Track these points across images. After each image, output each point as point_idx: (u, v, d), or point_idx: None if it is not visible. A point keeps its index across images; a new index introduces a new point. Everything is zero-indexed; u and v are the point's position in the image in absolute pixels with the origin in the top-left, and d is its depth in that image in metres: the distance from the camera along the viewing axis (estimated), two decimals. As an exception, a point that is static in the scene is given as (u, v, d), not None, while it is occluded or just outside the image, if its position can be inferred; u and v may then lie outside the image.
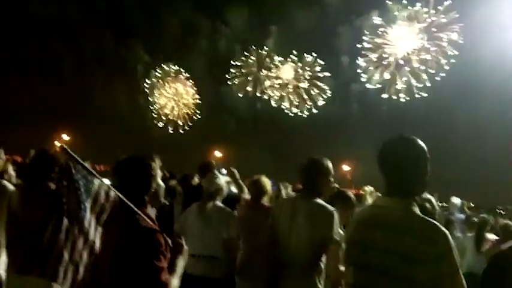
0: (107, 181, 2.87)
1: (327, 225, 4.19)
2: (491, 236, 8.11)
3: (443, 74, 36.72)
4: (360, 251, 2.77)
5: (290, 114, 41.93)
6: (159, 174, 3.07)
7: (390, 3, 36.86)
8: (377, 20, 37.67)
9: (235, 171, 6.65)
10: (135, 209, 2.77)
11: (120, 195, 2.69)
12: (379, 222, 2.71)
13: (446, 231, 2.59)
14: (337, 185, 6.06)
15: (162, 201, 3.10)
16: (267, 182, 5.97)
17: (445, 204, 13.32)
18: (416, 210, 2.69)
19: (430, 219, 2.64)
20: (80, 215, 2.47)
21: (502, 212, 36.55)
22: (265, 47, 42.43)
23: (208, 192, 5.66)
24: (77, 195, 2.45)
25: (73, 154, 2.43)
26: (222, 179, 5.92)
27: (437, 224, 2.61)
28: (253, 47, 42.55)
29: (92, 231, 2.52)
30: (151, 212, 2.98)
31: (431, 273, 2.50)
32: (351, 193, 5.44)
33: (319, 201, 4.36)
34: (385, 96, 38.86)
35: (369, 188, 9.72)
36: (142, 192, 2.98)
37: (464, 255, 8.31)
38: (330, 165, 4.57)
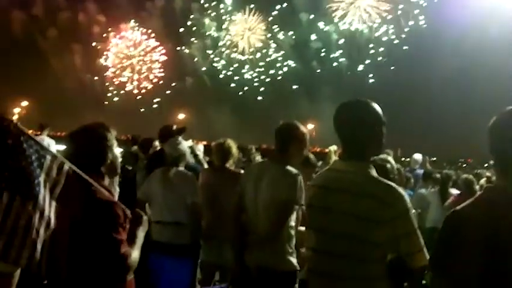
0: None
1: (290, 188, 4.12)
2: (454, 191, 8.28)
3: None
4: (318, 215, 2.79)
5: (248, 76, 41.67)
6: (115, 144, 3.00)
7: None
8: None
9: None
10: (91, 181, 2.70)
11: (75, 168, 2.61)
12: (336, 185, 2.73)
13: (403, 192, 2.63)
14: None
15: (118, 172, 3.03)
16: (232, 145, 5.88)
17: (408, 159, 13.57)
18: (373, 172, 2.71)
19: (387, 181, 2.67)
20: (34, 191, 2.39)
21: (464, 165, 37.63)
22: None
23: (172, 158, 5.62)
24: (30, 171, 2.38)
25: (23, 129, 2.35)
26: (185, 144, 5.88)
27: (394, 185, 2.64)
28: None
29: (47, 206, 2.44)
30: (113, 183, 2.92)
31: (388, 233, 2.54)
32: (309, 153, 5.42)
33: (285, 166, 4.25)
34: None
35: (333, 148, 9.80)
36: (98, 163, 2.91)
37: (428, 210, 8.51)
38: (305, 131, 4.49)
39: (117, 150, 3.05)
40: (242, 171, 5.35)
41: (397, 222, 2.54)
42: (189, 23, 43.53)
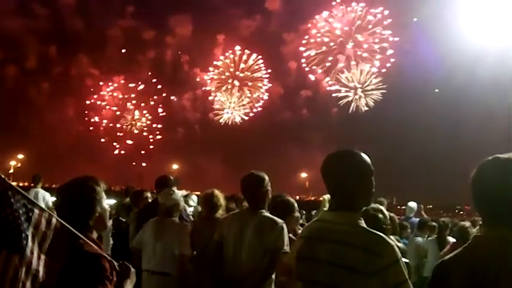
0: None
1: (278, 237, 4.27)
2: (452, 239, 8.24)
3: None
4: (308, 266, 2.76)
5: (238, 122, 41.86)
6: (103, 198, 3.00)
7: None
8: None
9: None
10: (79, 234, 2.70)
11: (62, 222, 2.61)
12: (325, 236, 2.70)
13: (393, 243, 2.60)
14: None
15: (108, 225, 3.03)
16: (220, 195, 6.00)
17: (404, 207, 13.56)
18: (363, 223, 2.69)
19: (375, 232, 2.65)
20: (21, 244, 2.39)
21: (461, 212, 37.50)
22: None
23: (166, 208, 5.69)
24: (17, 225, 2.38)
25: (10, 183, 2.37)
26: (179, 194, 5.92)
27: (382, 235, 2.62)
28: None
29: (35, 259, 2.44)
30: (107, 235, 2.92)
31: (378, 285, 2.51)
32: (290, 198, 5.51)
33: (266, 214, 4.48)
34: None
35: (327, 197, 9.81)
36: (86, 216, 2.90)
37: (426, 259, 8.46)
38: (264, 176, 4.70)
39: (106, 204, 3.04)
40: None
41: (387, 272, 2.51)
42: (180, 73, 44.08)
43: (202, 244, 5.61)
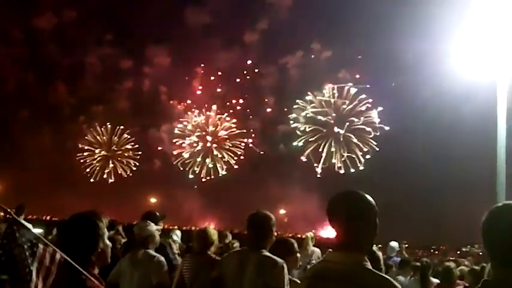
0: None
1: (277, 277, 4.23)
2: (434, 280, 8.26)
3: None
4: None
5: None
6: (106, 233, 2.98)
7: None
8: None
9: None
10: (81, 270, 2.67)
11: (66, 257, 2.59)
12: (332, 276, 2.70)
13: (398, 285, 2.61)
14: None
15: (108, 261, 3.00)
16: (213, 233, 5.99)
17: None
18: (368, 265, 2.70)
19: (382, 274, 2.68)
20: (25, 279, 2.37)
21: (436, 251, 37.62)
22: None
23: (141, 238, 5.79)
24: (22, 260, 2.36)
25: (17, 218, 2.35)
26: (153, 227, 6.00)
27: (390, 279, 2.64)
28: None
29: None
30: None
31: None
32: (292, 240, 5.48)
33: (267, 253, 4.42)
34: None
35: (310, 234, 9.86)
36: (89, 252, 2.87)
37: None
38: (271, 216, 4.68)
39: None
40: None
41: None
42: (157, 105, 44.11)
43: (190, 280, 5.62)
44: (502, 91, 10.87)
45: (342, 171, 39.30)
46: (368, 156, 38.69)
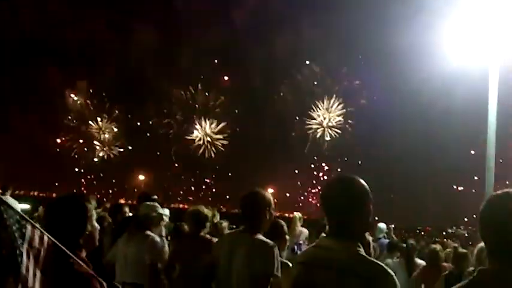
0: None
1: (268, 262, 4.04)
2: (419, 261, 8.29)
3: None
4: None
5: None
6: (94, 215, 2.93)
7: None
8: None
9: None
10: (69, 253, 2.62)
11: (53, 239, 2.54)
12: (324, 264, 2.66)
13: (392, 273, 2.58)
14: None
15: (96, 243, 2.96)
16: (208, 213, 5.77)
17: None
18: (362, 251, 2.66)
19: (377, 262, 2.64)
20: (17, 261, 2.33)
21: (422, 232, 37.94)
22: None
23: (145, 219, 5.76)
24: (11, 241, 2.31)
25: (4, 199, 2.30)
26: (166, 210, 6.15)
27: (384, 266, 2.60)
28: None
29: (31, 277, 2.37)
30: None
31: None
32: (282, 222, 5.38)
33: (259, 236, 4.19)
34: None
35: (298, 214, 9.84)
36: (77, 234, 2.83)
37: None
38: (269, 196, 4.39)
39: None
40: (215, 240, 5.20)
41: None
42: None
43: (184, 260, 5.45)
44: (494, 77, 10.83)
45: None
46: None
